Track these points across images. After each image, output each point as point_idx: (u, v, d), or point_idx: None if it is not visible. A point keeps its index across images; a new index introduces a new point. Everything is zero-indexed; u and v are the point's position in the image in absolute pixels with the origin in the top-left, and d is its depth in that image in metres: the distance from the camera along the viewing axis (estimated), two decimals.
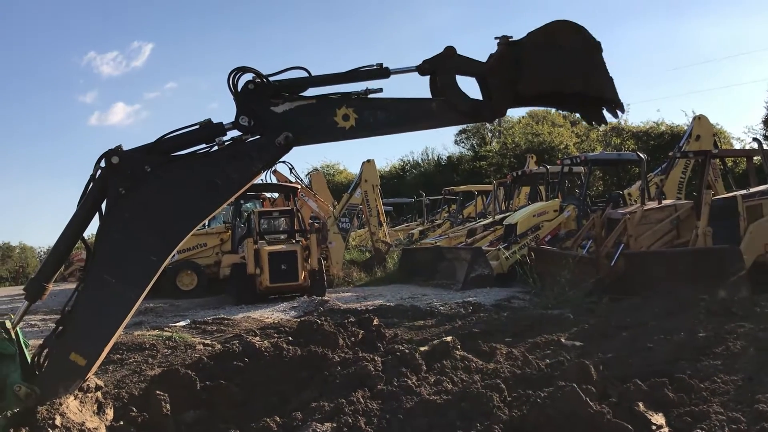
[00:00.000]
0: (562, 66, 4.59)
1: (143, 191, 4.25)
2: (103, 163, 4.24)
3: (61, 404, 4.18)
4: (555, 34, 4.60)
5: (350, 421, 4.24)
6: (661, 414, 4.18)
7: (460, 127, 47.84)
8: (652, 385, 4.50)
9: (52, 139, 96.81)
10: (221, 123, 4.38)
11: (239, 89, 4.33)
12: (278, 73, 4.37)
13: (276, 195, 21.15)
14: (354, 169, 49.90)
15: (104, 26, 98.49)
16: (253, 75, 4.33)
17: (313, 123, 4.47)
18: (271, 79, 4.35)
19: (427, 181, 41.11)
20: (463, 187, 28.94)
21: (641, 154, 14.42)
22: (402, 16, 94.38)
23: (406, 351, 5.45)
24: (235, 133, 4.39)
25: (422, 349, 5.79)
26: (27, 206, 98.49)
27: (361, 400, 4.57)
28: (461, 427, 4.06)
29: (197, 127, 4.35)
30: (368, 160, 20.16)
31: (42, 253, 54.99)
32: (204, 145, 4.38)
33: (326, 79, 4.48)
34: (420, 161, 49.16)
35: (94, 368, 4.35)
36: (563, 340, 7.32)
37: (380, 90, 4.52)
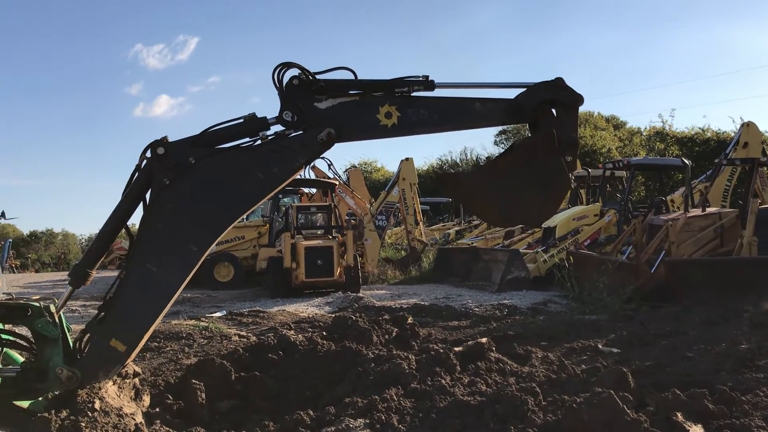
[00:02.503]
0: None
1: (187, 183, 4.29)
2: (148, 154, 4.30)
3: (100, 389, 4.26)
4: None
5: (383, 418, 4.24)
6: (700, 425, 4.09)
7: (500, 128, 47.48)
8: (691, 396, 4.41)
9: (97, 130, 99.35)
10: (265, 117, 4.40)
11: (284, 84, 4.35)
12: (324, 72, 4.38)
13: (314, 190, 21.25)
14: (392, 166, 49.96)
15: (151, 19, 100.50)
16: (299, 71, 4.35)
17: (356, 120, 4.46)
18: (317, 77, 4.37)
19: None
20: None
21: (686, 160, 14.15)
22: (446, 14, 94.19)
23: (441, 351, 5.42)
24: (278, 127, 4.42)
25: (457, 349, 5.76)
26: (70, 194, 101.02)
27: (395, 397, 4.56)
28: (495, 429, 4.03)
29: (241, 120, 4.39)
30: (407, 159, 20.09)
31: (83, 240, 56.32)
32: (247, 139, 4.42)
33: (371, 84, 4.47)
34: (458, 161, 48.88)
35: (134, 354, 4.41)
36: (600, 347, 7.22)
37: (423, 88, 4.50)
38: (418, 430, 4.17)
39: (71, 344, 4.44)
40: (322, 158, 21.16)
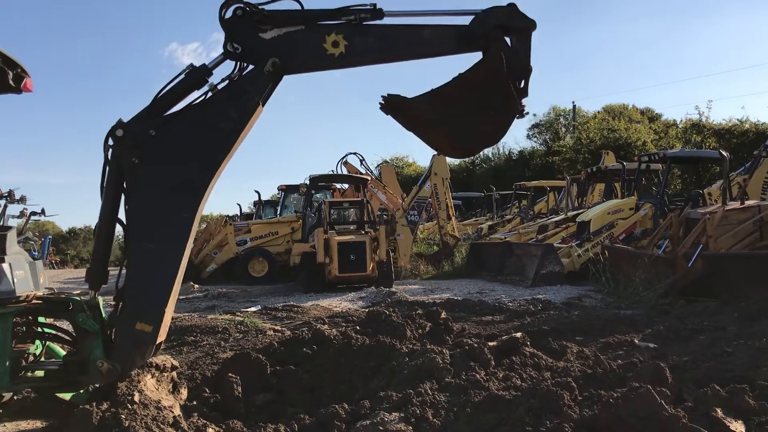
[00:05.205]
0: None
1: (155, 155, 4.29)
2: (110, 142, 4.31)
3: (139, 382, 4.34)
4: None
5: (418, 412, 4.25)
6: (740, 421, 4.01)
7: (532, 122, 47.04)
8: (731, 391, 4.32)
9: None
10: (204, 64, 4.40)
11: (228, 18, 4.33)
12: (269, 2, 4.34)
13: (346, 186, 21.32)
14: (423, 162, 49.80)
15: (186, 18, 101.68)
16: (243, 3, 4.32)
17: (302, 49, 4.41)
18: (262, 8, 4.32)
19: (497, 176, 40.59)
20: (534, 183, 28.42)
21: (724, 152, 13.89)
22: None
23: (475, 345, 5.41)
24: (224, 74, 4.40)
25: (491, 344, 5.75)
26: None
27: (429, 391, 4.57)
28: (530, 424, 4.01)
29: (183, 76, 4.37)
30: (439, 153, 20.02)
31: (120, 237, 57.16)
32: (199, 95, 4.40)
33: (317, 13, 4.41)
34: (491, 155, 48.55)
35: (162, 333, 4.40)
36: (636, 341, 7.14)
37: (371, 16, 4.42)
38: (453, 425, 4.17)
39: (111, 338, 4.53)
40: (354, 153, 21.42)
